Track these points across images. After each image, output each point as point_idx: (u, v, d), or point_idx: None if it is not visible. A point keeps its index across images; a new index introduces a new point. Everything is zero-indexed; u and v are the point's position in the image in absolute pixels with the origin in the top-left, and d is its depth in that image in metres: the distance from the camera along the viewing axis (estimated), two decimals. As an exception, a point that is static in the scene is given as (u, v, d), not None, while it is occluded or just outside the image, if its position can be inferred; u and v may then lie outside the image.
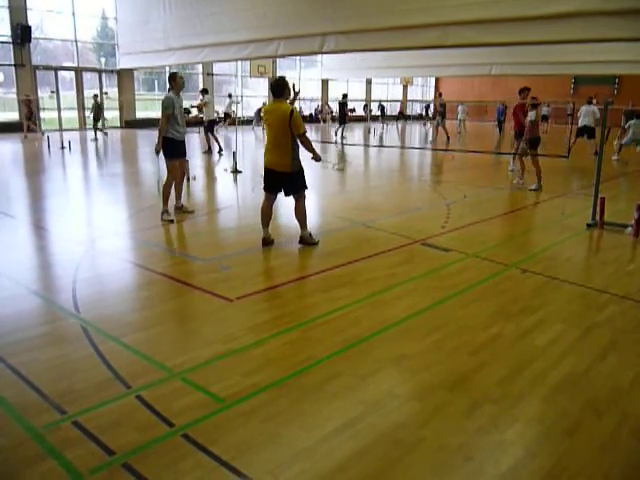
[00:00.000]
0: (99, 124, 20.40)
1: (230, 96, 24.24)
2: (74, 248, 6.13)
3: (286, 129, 5.97)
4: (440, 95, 15.05)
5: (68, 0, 23.24)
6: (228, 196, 10.14)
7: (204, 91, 16.27)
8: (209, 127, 15.89)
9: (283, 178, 6.16)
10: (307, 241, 6.42)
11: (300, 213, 6.35)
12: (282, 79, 6.09)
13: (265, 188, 6.35)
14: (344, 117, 22.32)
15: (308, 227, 6.46)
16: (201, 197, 10.00)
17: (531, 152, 10.82)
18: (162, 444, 2.74)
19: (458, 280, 5.30)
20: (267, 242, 6.38)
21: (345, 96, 24.01)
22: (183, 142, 7.66)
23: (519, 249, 6.49)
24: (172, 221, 7.42)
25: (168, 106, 7.28)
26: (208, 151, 16.01)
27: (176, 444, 2.74)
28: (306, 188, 6.35)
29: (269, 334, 4.02)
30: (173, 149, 7.49)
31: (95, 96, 21.02)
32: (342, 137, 21.72)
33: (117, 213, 8.41)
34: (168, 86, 7.63)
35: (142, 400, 3.11)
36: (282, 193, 6.38)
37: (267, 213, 6.35)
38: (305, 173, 6.30)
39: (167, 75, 8.06)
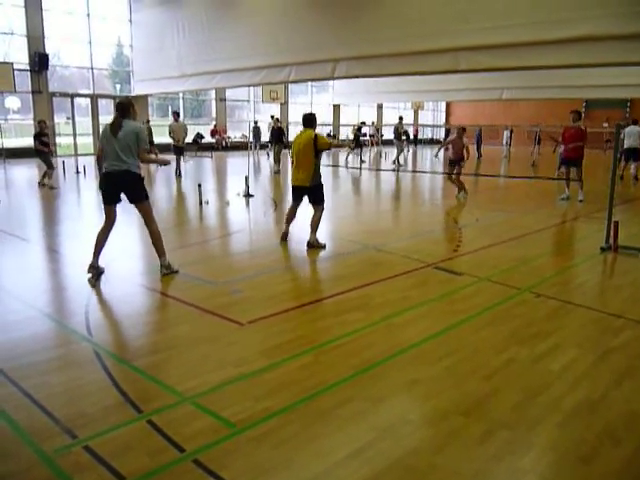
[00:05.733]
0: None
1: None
2: (87, 272, 6.15)
3: (310, 151, 7.19)
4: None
5: (85, 29, 23.74)
6: (240, 220, 10.18)
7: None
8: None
9: (305, 191, 7.41)
10: (314, 244, 7.36)
11: (315, 222, 7.45)
12: (313, 114, 7.55)
13: (292, 199, 7.67)
14: (399, 142, 22.12)
15: (316, 234, 7.44)
16: (213, 221, 10.06)
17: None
18: (173, 469, 2.72)
19: (471, 304, 5.26)
20: (285, 237, 7.67)
21: (401, 118, 23.58)
22: None
23: (532, 273, 6.44)
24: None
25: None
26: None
27: (187, 469, 2.72)
28: (323, 201, 7.52)
29: (281, 358, 4.00)
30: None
31: (147, 121, 21.56)
32: (398, 163, 21.44)
33: (129, 237, 8.46)
34: (116, 113, 5.74)
35: (153, 425, 3.09)
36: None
37: (291, 215, 7.69)
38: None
39: (124, 101, 5.83)
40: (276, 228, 8.50)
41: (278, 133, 20.37)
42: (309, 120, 7.46)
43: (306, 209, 7.68)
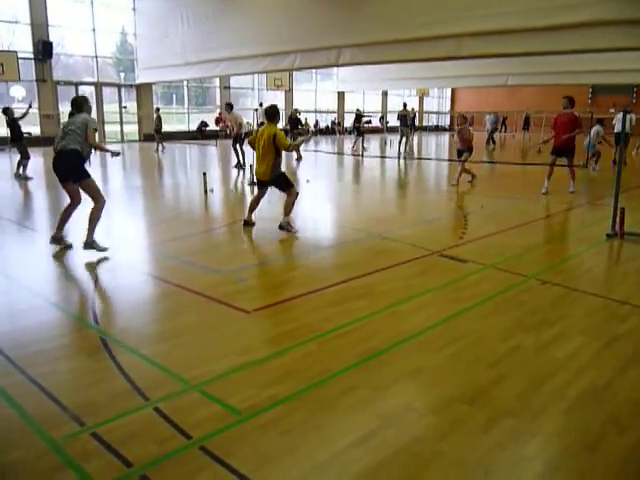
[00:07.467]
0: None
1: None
2: (93, 260, 6.18)
3: (270, 146, 7.29)
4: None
5: (89, 17, 23.66)
6: (244, 208, 10.17)
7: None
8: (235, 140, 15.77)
9: (267, 184, 7.68)
10: (285, 227, 7.51)
11: (287, 205, 7.60)
12: (275, 108, 7.57)
13: (257, 187, 7.98)
14: (407, 129, 21.77)
15: (290, 217, 7.66)
16: (218, 209, 10.07)
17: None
18: (180, 456, 2.74)
19: (476, 291, 5.26)
20: (247, 224, 7.90)
21: (405, 105, 23.27)
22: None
23: (538, 260, 6.43)
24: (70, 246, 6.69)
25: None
26: (237, 165, 15.74)
27: (194, 456, 2.74)
28: (292, 186, 7.65)
29: (286, 346, 4.01)
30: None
31: (157, 110, 21.91)
32: (405, 152, 20.78)
33: (135, 225, 8.49)
34: (71, 109, 6.79)
35: (160, 412, 3.11)
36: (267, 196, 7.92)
37: (253, 203, 8.02)
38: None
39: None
40: (280, 217, 8.49)
41: (295, 122, 20.51)
42: (271, 114, 7.46)
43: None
